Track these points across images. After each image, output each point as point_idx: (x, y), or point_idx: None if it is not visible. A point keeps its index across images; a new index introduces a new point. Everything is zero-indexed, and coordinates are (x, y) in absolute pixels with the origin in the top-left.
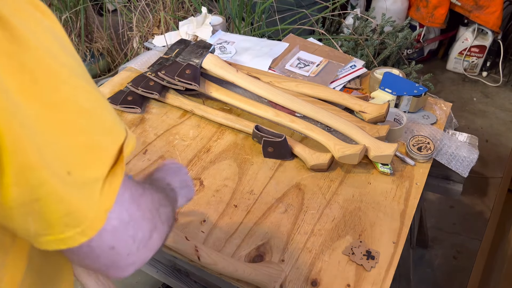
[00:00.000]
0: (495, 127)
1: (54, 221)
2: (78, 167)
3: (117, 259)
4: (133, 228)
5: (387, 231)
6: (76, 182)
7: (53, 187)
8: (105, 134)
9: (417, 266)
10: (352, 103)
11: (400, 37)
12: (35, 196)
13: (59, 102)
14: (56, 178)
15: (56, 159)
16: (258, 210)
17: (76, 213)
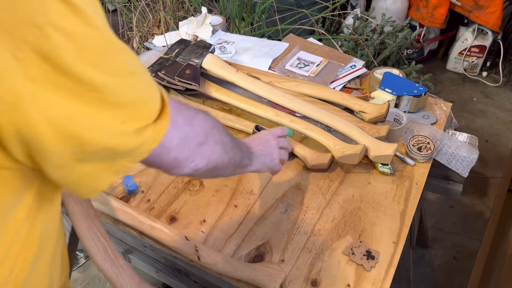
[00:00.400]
0: (495, 127)
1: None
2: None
3: (179, 164)
4: (190, 142)
5: (387, 231)
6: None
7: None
8: (153, 86)
9: (417, 266)
10: (352, 103)
11: (400, 37)
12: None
13: (120, 69)
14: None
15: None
16: (258, 210)
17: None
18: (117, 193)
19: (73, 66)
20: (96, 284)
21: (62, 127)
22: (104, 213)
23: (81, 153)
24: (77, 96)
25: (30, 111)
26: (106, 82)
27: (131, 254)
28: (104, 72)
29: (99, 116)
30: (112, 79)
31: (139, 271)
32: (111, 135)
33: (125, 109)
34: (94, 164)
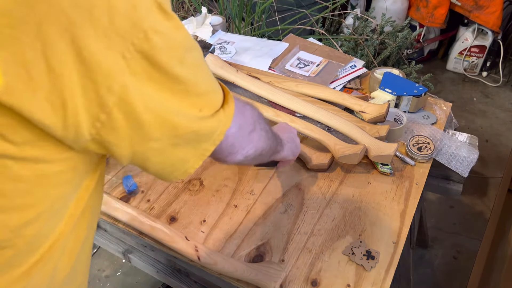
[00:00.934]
0: (495, 127)
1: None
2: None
3: (234, 150)
4: (243, 130)
5: (387, 231)
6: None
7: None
8: (214, 77)
9: (417, 266)
10: (352, 103)
11: (400, 37)
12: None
13: (196, 64)
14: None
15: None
16: (258, 210)
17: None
18: (117, 193)
19: (166, 63)
20: (96, 284)
21: (159, 114)
22: (104, 213)
23: (174, 137)
24: (167, 88)
25: (135, 100)
26: (188, 75)
27: (131, 254)
28: (186, 67)
29: (184, 104)
30: (192, 73)
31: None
32: (194, 120)
33: (202, 98)
34: (185, 148)
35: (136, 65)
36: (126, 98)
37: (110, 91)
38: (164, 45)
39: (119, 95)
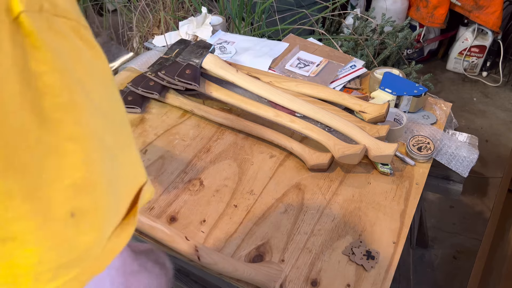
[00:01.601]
0: (495, 127)
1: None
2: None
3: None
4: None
5: (387, 231)
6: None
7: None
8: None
9: (417, 266)
10: (352, 103)
11: (400, 37)
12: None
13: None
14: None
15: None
16: (258, 210)
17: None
18: None
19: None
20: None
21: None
22: None
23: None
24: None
25: None
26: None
27: None
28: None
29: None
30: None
31: None
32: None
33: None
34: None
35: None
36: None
37: None
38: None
39: None
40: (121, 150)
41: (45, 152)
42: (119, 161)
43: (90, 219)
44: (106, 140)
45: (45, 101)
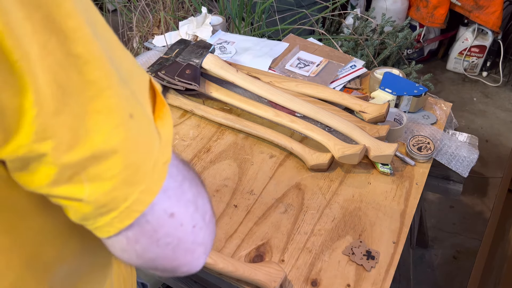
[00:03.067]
0: (495, 127)
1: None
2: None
3: (183, 236)
4: (189, 190)
5: (387, 231)
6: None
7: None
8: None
9: (417, 266)
10: (352, 103)
11: (400, 37)
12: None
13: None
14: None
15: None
16: (258, 210)
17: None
18: None
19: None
20: None
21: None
22: None
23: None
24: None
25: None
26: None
27: None
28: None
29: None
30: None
31: (139, 271)
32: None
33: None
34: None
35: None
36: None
37: None
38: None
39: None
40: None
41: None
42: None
43: (140, 118)
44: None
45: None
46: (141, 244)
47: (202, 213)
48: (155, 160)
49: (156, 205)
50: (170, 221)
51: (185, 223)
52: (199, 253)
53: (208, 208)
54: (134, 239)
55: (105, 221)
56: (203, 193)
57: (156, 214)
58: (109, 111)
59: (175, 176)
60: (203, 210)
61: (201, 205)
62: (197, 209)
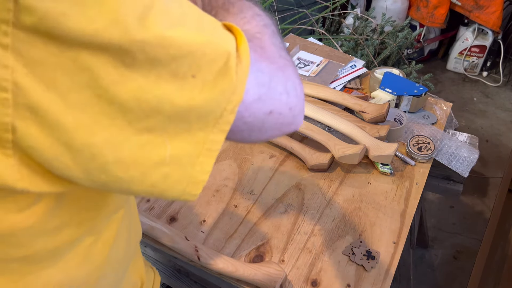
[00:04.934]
0: (496, 127)
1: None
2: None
3: (283, 120)
4: (278, 83)
5: (387, 231)
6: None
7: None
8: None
9: (417, 266)
10: (352, 103)
11: (400, 37)
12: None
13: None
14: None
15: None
16: (258, 210)
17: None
18: None
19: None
20: None
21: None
22: None
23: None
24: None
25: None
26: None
27: None
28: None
29: (164, 74)
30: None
31: None
32: (186, 93)
33: (192, 57)
34: (180, 143)
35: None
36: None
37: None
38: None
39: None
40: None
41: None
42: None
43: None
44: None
45: None
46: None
47: (294, 93)
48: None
49: (254, 113)
50: (270, 117)
51: (283, 111)
52: (299, 118)
53: (297, 81)
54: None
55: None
56: (285, 72)
57: (257, 116)
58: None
59: (261, 79)
60: (293, 87)
61: (291, 87)
62: (288, 94)
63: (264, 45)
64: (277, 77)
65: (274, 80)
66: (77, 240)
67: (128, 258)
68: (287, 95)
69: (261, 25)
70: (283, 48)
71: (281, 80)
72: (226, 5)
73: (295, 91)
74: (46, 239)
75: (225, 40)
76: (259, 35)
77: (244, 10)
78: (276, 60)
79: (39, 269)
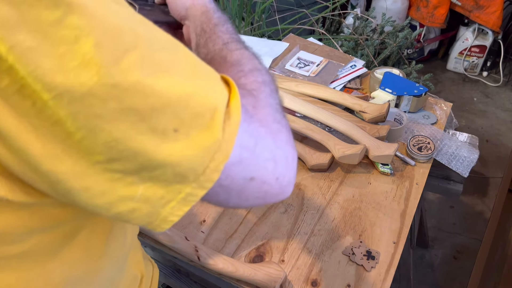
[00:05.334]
0: (496, 127)
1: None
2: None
3: (267, 189)
4: (265, 150)
5: (387, 231)
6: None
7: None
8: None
9: (417, 266)
10: (352, 103)
11: (400, 37)
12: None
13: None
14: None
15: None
16: (258, 210)
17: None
18: None
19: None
20: None
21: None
22: None
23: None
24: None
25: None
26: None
27: None
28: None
29: (146, 124)
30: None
31: None
32: (164, 146)
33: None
34: (152, 188)
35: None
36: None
37: None
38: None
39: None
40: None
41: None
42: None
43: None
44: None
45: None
46: (231, 200)
47: (283, 163)
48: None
49: (232, 176)
50: (252, 184)
51: (267, 180)
52: (288, 188)
53: (289, 150)
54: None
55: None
56: (275, 138)
57: (235, 181)
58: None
59: (246, 142)
60: (284, 157)
61: (280, 156)
62: (276, 163)
63: (258, 105)
64: (265, 143)
65: (261, 145)
66: (73, 233)
67: (125, 250)
68: (274, 164)
69: (259, 82)
70: (279, 110)
71: (269, 146)
72: (224, 51)
73: (285, 160)
74: (41, 234)
75: (215, 93)
76: (255, 93)
77: (243, 62)
78: (268, 124)
79: (39, 264)
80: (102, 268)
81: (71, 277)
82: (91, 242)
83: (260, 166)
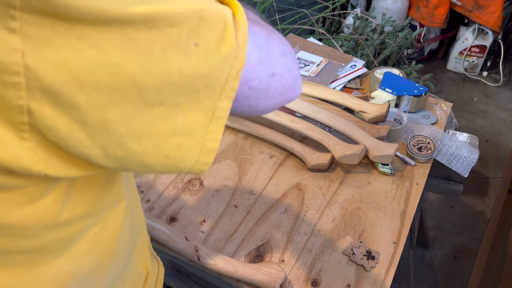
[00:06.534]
0: (496, 127)
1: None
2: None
3: (286, 82)
4: (275, 46)
5: (387, 231)
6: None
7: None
8: None
9: (417, 266)
10: (352, 103)
11: (400, 37)
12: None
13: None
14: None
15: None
16: (258, 210)
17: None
18: None
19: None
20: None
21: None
22: None
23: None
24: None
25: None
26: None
27: None
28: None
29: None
30: None
31: None
32: (193, 59)
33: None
34: (187, 113)
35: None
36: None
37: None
38: None
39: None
40: None
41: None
42: None
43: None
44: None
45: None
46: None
47: (290, 56)
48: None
49: (259, 76)
50: (273, 79)
51: (284, 73)
52: (299, 81)
53: (286, 45)
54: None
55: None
56: (278, 37)
57: (261, 79)
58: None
59: (259, 41)
60: (289, 50)
61: (287, 50)
62: (286, 56)
63: (254, 18)
64: (272, 40)
65: (271, 42)
66: (85, 229)
67: (130, 247)
68: (285, 57)
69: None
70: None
71: (276, 42)
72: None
73: (290, 53)
74: (56, 230)
75: (220, 7)
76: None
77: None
78: (265, 26)
79: (50, 259)
80: (110, 264)
81: (79, 273)
82: (101, 238)
83: (276, 61)
